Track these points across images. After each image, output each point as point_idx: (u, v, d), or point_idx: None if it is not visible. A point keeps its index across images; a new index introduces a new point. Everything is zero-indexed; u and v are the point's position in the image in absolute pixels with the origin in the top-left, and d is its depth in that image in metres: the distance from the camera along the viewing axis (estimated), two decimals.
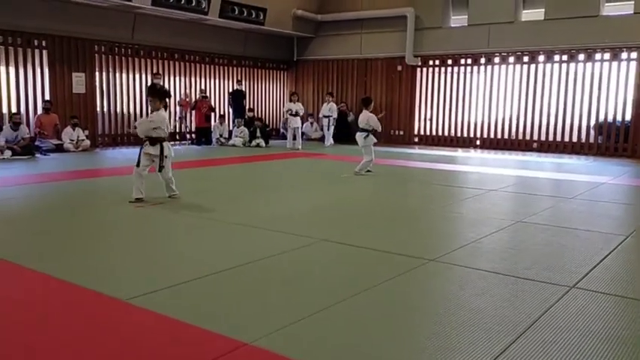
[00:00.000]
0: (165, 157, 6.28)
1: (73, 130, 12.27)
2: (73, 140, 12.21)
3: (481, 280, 3.76)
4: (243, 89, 16.22)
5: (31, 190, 7.30)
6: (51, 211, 6.04)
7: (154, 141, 6.24)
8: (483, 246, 4.67)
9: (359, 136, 9.11)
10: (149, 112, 6.73)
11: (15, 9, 11.29)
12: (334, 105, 15.49)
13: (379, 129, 9.27)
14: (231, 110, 15.85)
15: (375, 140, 9.21)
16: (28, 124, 11.78)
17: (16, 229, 5.15)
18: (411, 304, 3.35)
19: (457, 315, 3.13)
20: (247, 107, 16.25)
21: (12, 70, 11.78)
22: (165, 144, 6.32)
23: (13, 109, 11.73)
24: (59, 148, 11.84)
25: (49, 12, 11.77)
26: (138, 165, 6.25)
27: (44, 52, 12.17)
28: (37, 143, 11.57)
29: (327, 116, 15.29)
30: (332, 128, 15.32)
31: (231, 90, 16.09)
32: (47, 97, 12.24)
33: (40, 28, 11.91)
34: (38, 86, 12.21)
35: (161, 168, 6.23)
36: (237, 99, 15.75)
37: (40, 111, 12.13)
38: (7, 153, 10.55)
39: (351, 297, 3.38)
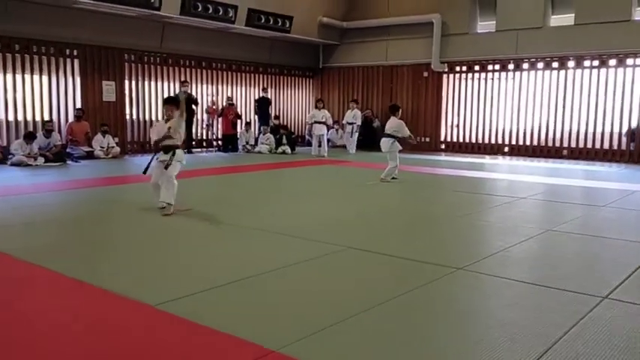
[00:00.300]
0: (179, 161, 6.27)
1: (103, 137, 12.52)
2: (103, 147, 12.45)
3: (510, 290, 3.69)
4: (269, 97, 16.33)
5: (63, 196, 7.46)
6: (81, 217, 6.15)
7: (167, 149, 6.26)
8: (512, 255, 4.60)
9: (385, 142, 9.08)
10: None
11: (48, 20, 11.59)
12: (358, 112, 15.46)
13: (407, 135, 9.23)
14: (256, 117, 15.97)
15: (400, 147, 9.17)
16: (59, 132, 12.06)
17: (48, 235, 5.27)
18: (439, 314, 3.31)
19: (485, 325, 3.08)
20: (273, 115, 16.35)
21: (45, 78, 12.08)
22: (178, 151, 6.31)
23: (46, 117, 12.04)
24: (90, 155, 12.08)
25: (81, 22, 12.05)
26: (145, 172, 6.30)
27: (76, 61, 12.46)
28: (68, 150, 11.83)
29: (351, 123, 15.26)
30: (355, 135, 15.27)
31: (257, 97, 16.21)
32: (78, 105, 12.51)
33: (72, 38, 12.20)
34: (70, 94, 12.50)
35: (167, 166, 6.13)
36: (262, 106, 15.87)
37: (71, 119, 12.41)
38: (40, 160, 10.81)
39: (377, 305, 3.35)
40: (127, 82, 13.43)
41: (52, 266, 4.05)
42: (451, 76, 15.66)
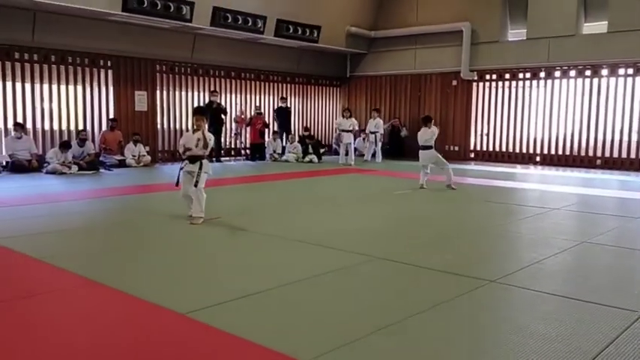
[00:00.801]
0: (205, 172, 6.35)
1: (135, 146, 12.75)
2: (134, 156, 12.67)
3: (544, 304, 3.61)
4: (288, 106, 16.24)
5: (96, 204, 7.61)
6: (114, 225, 6.27)
7: (194, 159, 6.32)
8: (546, 267, 4.50)
9: (427, 154, 9.21)
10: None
11: (83, 32, 11.89)
12: (380, 121, 15.35)
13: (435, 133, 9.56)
14: (276, 125, 15.90)
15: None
16: (93, 141, 12.33)
17: (82, 242, 5.37)
18: (470, 328, 3.25)
19: (519, 340, 3.01)
20: (303, 126, 16.31)
21: (79, 88, 12.39)
22: (204, 161, 6.37)
23: (80, 126, 12.33)
24: (122, 164, 12.31)
25: (115, 34, 12.33)
26: (177, 184, 6.39)
27: (109, 71, 12.75)
28: (101, 159, 12.10)
29: (374, 132, 15.19)
30: (380, 144, 15.17)
31: (275, 107, 16.16)
32: (111, 115, 12.78)
33: (106, 49, 12.49)
34: (103, 104, 12.79)
35: (196, 183, 6.28)
36: (280, 116, 15.83)
37: (104, 128, 12.69)
38: (74, 168, 11.06)
39: (408, 317, 3.32)
40: (158, 92, 13.68)
41: (84, 273, 4.13)
42: (481, 84, 15.50)
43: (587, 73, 13.76)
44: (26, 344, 2.92)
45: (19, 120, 11.39)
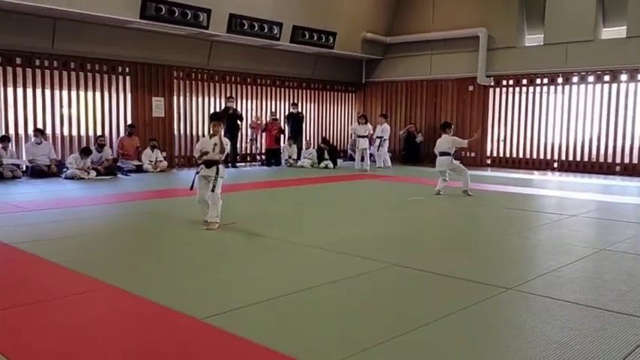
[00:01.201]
0: (221, 177, 6.39)
1: (152, 151, 12.86)
2: (151, 161, 12.78)
3: (563, 312, 3.56)
4: (300, 111, 16.16)
5: (114, 209, 7.69)
6: (130, 230, 6.32)
7: (210, 164, 6.36)
8: (564, 275, 4.44)
9: (444, 161, 9.15)
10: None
11: (102, 39, 12.06)
12: (387, 126, 15.32)
13: (465, 144, 9.49)
14: (287, 131, 15.79)
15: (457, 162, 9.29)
16: (111, 146, 12.47)
17: (99, 247, 5.43)
18: (488, 336, 3.22)
19: (537, 349, 2.97)
20: (322, 137, 16.28)
21: (98, 95, 12.55)
22: (220, 166, 6.41)
23: (98, 132, 12.48)
24: (139, 169, 12.43)
25: (133, 41, 12.49)
26: (191, 188, 6.43)
27: (127, 78, 12.90)
28: (119, 164, 12.23)
29: (379, 137, 15.15)
30: (382, 149, 15.07)
31: (287, 113, 16.05)
32: (129, 121, 12.92)
33: (124, 56, 12.65)
34: (121, 110, 12.94)
35: (214, 188, 6.30)
36: (292, 121, 15.79)
37: (122, 133, 12.83)
38: (92, 173, 11.19)
39: (424, 325, 3.29)
40: (175, 98, 13.81)
41: (102, 277, 4.17)
42: (497, 89, 15.41)
43: (606, 78, 13.61)
44: (44, 347, 2.95)
45: (39, 126, 11.57)
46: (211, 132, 6.47)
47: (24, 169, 11.20)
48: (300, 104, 16.51)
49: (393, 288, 4.13)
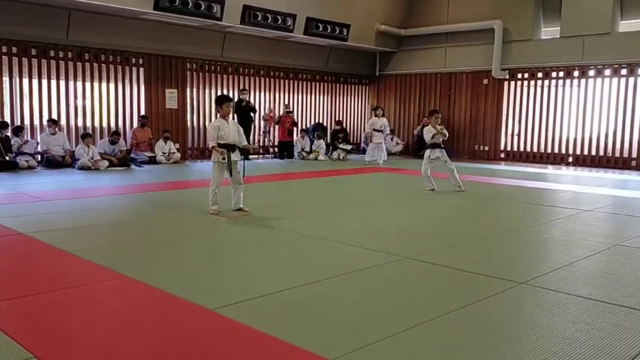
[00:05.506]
0: (235, 161, 6.47)
1: (165, 143, 12.92)
2: (164, 153, 12.85)
3: (577, 307, 3.53)
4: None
5: (128, 200, 7.74)
6: (144, 220, 6.36)
7: (232, 148, 6.44)
8: (578, 270, 4.40)
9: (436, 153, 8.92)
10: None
11: (116, 30, 12.11)
12: (385, 120, 15.17)
13: (446, 137, 9.16)
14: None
15: (435, 155, 8.92)
16: (124, 137, 12.54)
17: (112, 237, 5.47)
18: (500, 330, 3.19)
19: (550, 344, 2.95)
20: (336, 120, 16.22)
21: (112, 86, 12.62)
22: (238, 150, 6.55)
23: (112, 123, 12.56)
24: (152, 160, 12.49)
25: (146, 32, 12.53)
26: (231, 174, 6.53)
27: (141, 69, 12.95)
28: (132, 155, 12.30)
29: (379, 131, 15.00)
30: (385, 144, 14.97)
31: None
32: (142, 112, 12.98)
33: (138, 47, 12.70)
34: (134, 101, 13.01)
35: (231, 172, 6.42)
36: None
37: (135, 125, 12.89)
38: (104, 163, 11.25)
39: (436, 318, 3.28)
40: (188, 90, 13.84)
41: (115, 267, 4.20)
42: (512, 83, 15.25)
43: (623, 72, 13.41)
44: (57, 336, 2.98)
45: (54, 116, 11.66)
46: (222, 114, 6.48)
47: (39, 158, 11.31)
48: (313, 96, 16.45)
49: (405, 281, 4.12)
